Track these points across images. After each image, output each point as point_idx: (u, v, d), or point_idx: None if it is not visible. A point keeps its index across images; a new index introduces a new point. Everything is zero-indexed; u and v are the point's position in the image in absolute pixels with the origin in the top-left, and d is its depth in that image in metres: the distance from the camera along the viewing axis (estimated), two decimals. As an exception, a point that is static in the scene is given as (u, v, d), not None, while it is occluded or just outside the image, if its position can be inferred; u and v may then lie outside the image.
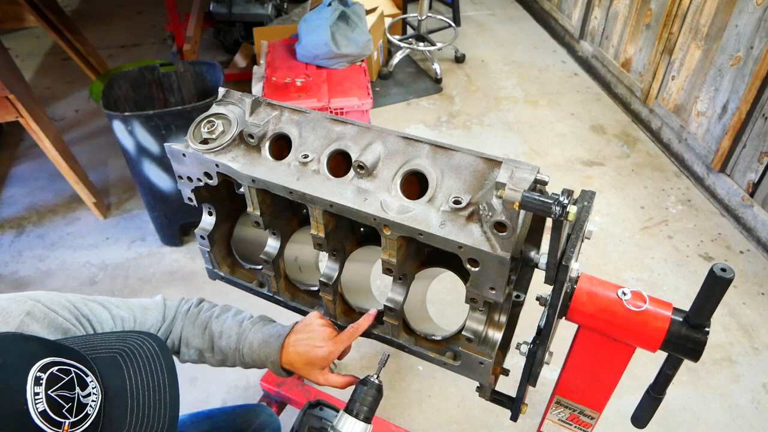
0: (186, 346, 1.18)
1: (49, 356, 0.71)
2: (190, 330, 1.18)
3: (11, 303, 0.91)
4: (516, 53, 4.49)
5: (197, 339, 1.17)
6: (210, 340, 1.17)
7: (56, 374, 0.70)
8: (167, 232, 2.76)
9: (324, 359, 1.12)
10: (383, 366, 1.15)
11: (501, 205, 0.86)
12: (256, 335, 1.16)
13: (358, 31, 3.10)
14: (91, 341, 0.83)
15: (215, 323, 1.18)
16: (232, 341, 1.16)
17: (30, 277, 2.68)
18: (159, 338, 0.86)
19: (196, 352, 1.18)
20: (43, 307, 0.93)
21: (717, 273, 0.83)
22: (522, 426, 2.07)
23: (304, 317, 1.20)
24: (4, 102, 2.42)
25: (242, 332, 1.16)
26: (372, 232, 1.22)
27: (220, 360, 1.18)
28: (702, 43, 2.96)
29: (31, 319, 0.90)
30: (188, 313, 1.20)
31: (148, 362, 0.81)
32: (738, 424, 2.10)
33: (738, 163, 2.83)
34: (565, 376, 1.11)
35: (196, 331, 1.18)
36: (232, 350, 1.16)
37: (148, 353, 0.82)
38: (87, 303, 1.03)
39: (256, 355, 1.15)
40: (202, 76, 2.71)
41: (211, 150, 1.09)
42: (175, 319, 1.19)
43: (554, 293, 0.92)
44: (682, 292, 2.56)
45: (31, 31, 4.65)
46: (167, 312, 1.19)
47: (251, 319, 1.21)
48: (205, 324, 1.18)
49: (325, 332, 1.14)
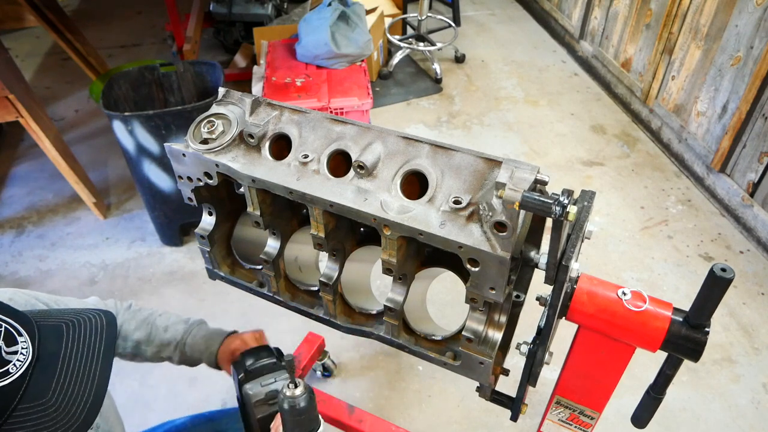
0: (123, 340, 1.28)
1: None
2: (132, 324, 1.28)
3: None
4: (516, 53, 4.49)
5: (138, 332, 1.28)
6: (151, 334, 1.29)
7: None
8: (167, 232, 2.76)
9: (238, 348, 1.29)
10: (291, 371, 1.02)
11: (501, 205, 0.86)
12: (200, 331, 1.33)
13: (358, 31, 3.10)
14: (48, 312, 0.84)
15: (160, 320, 1.32)
16: (178, 333, 1.31)
17: (30, 277, 2.68)
18: (112, 316, 0.86)
19: (132, 345, 1.28)
20: (24, 294, 1.02)
21: (717, 273, 0.83)
22: (522, 426, 2.07)
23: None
24: (4, 102, 2.42)
25: (190, 326, 1.33)
26: (372, 232, 1.22)
27: (156, 352, 1.30)
28: (702, 43, 2.96)
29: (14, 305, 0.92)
30: (129, 309, 1.32)
31: (89, 335, 0.81)
32: (738, 424, 2.10)
33: (738, 163, 2.83)
34: (565, 376, 1.11)
35: (139, 325, 1.29)
36: (175, 341, 1.30)
37: (93, 327, 0.82)
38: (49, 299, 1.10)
39: (197, 345, 1.31)
40: (202, 76, 2.71)
41: (211, 150, 1.09)
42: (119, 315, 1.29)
43: (554, 293, 0.92)
44: (682, 292, 2.56)
45: (31, 31, 4.65)
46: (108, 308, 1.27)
47: (196, 320, 1.37)
48: (149, 320, 1.30)
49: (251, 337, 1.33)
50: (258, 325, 2.35)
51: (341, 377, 2.22)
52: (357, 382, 2.20)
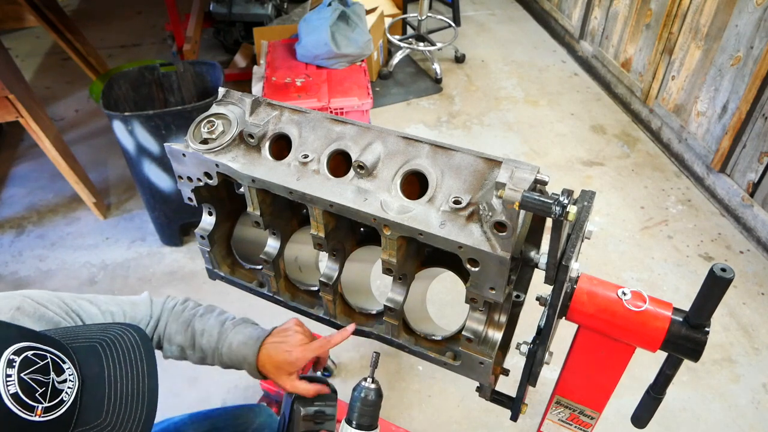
0: (168, 342, 1.20)
1: (25, 341, 0.70)
2: (173, 326, 1.20)
3: (2, 300, 0.92)
4: (516, 53, 4.49)
5: (179, 336, 1.19)
6: (192, 338, 1.19)
7: (31, 358, 0.69)
8: (167, 232, 2.76)
9: (291, 364, 1.14)
10: (375, 367, 1.14)
11: (501, 205, 0.86)
12: (236, 336, 1.18)
13: (358, 31, 3.10)
14: (73, 331, 0.83)
15: (198, 321, 1.20)
16: (213, 340, 1.18)
17: (30, 277, 2.68)
18: (140, 329, 0.85)
19: (177, 349, 1.20)
20: (32, 302, 0.95)
21: (717, 273, 0.83)
22: (522, 426, 2.07)
23: (285, 322, 1.23)
24: (4, 102, 2.42)
25: (223, 332, 1.19)
26: (372, 232, 1.22)
27: (200, 358, 1.20)
28: (702, 43, 2.96)
29: (21, 314, 0.91)
30: (173, 310, 1.22)
31: (128, 352, 0.80)
32: (738, 424, 2.10)
33: (738, 163, 2.83)
34: (565, 376, 1.11)
35: (179, 328, 1.19)
36: (212, 349, 1.18)
37: (128, 343, 0.82)
38: (76, 300, 1.05)
39: (234, 356, 1.17)
40: (202, 76, 2.71)
41: (211, 150, 1.09)
42: (161, 316, 1.21)
43: (554, 293, 0.92)
44: (682, 292, 2.56)
45: (31, 31, 4.65)
46: (154, 308, 1.21)
47: (233, 320, 1.23)
48: (189, 321, 1.20)
49: (297, 338, 1.16)
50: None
51: (341, 377, 2.22)
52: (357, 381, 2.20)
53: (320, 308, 1.28)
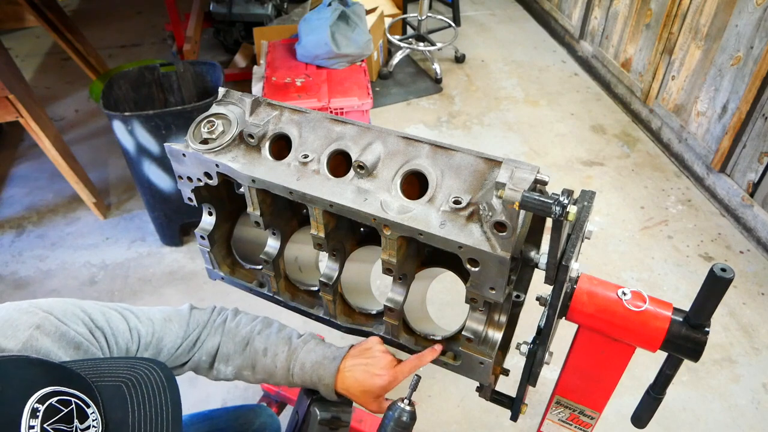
0: (224, 363, 1.12)
1: (50, 385, 0.68)
2: (230, 346, 1.11)
3: (22, 314, 0.86)
4: (516, 53, 4.49)
5: (238, 356, 1.11)
6: (252, 358, 1.11)
7: (55, 406, 0.66)
8: (167, 232, 2.76)
9: (383, 388, 1.09)
10: (414, 390, 1.11)
11: (501, 205, 0.86)
12: (308, 356, 1.11)
13: (358, 31, 3.10)
14: (99, 366, 0.79)
15: (258, 340, 1.12)
16: (280, 360, 1.11)
17: (30, 277, 2.68)
18: (167, 368, 0.81)
19: (234, 370, 1.12)
20: (54, 319, 0.88)
21: (717, 273, 0.83)
22: (522, 426, 2.07)
23: (364, 340, 1.16)
24: (4, 102, 2.42)
25: (293, 351, 1.11)
26: (372, 232, 1.22)
27: (262, 379, 1.13)
28: (702, 43, 2.96)
29: (40, 333, 0.85)
30: (225, 327, 1.14)
31: (153, 394, 0.77)
32: (738, 424, 2.10)
33: (738, 163, 2.83)
34: (565, 376, 1.11)
35: (237, 348, 1.12)
36: (280, 369, 1.10)
37: (154, 384, 0.78)
38: (105, 312, 0.97)
39: (307, 376, 1.10)
40: (202, 76, 2.71)
41: (211, 150, 1.09)
42: (204, 332, 1.13)
43: (554, 293, 0.92)
44: (682, 292, 2.56)
45: (31, 31, 4.65)
46: (191, 323, 1.12)
47: (301, 338, 1.15)
48: (247, 340, 1.12)
49: (386, 360, 1.11)
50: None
51: (341, 377, 2.22)
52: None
53: (320, 308, 1.28)
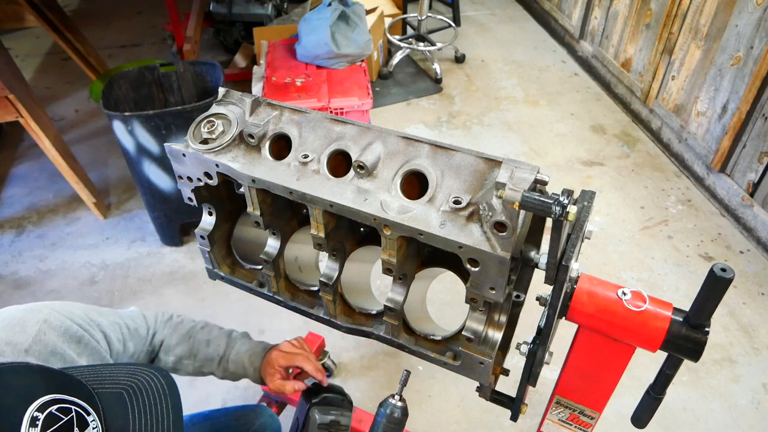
0: (165, 353, 1.25)
1: (50, 393, 0.68)
2: (174, 338, 1.26)
3: (28, 312, 0.94)
4: (516, 53, 4.49)
5: (180, 346, 1.25)
6: (192, 348, 1.26)
7: (55, 414, 0.66)
8: (167, 232, 2.76)
9: (269, 364, 1.26)
10: (404, 385, 1.15)
11: (501, 205, 0.86)
12: (243, 345, 1.30)
13: (358, 31, 3.10)
14: (100, 373, 0.80)
15: (202, 333, 1.28)
16: (221, 348, 1.28)
17: (30, 277, 2.68)
18: (168, 375, 0.82)
19: (174, 359, 1.25)
20: (59, 314, 0.96)
21: (717, 273, 0.83)
22: (522, 426, 2.07)
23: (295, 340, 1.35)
24: (4, 102, 2.42)
25: (232, 341, 1.30)
26: (372, 232, 1.22)
27: (198, 367, 1.27)
28: (702, 43, 2.96)
29: (48, 327, 0.92)
30: (170, 322, 1.28)
31: (154, 401, 0.78)
32: (738, 424, 2.10)
33: (738, 163, 2.83)
34: (565, 376, 1.11)
35: (181, 339, 1.26)
36: (219, 356, 1.27)
37: (155, 391, 0.79)
38: (94, 309, 1.08)
39: (240, 361, 1.27)
40: (202, 76, 2.71)
41: (211, 150, 1.09)
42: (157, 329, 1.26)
43: (554, 293, 0.92)
44: (682, 292, 2.56)
45: (31, 31, 4.65)
46: (148, 322, 1.25)
47: (240, 333, 1.34)
48: (191, 333, 1.27)
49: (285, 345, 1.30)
50: (258, 325, 2.36)
51: (341, 377, 2.22)
52: (357, 382, 2.20)
53: (320, 308, 1.28)
